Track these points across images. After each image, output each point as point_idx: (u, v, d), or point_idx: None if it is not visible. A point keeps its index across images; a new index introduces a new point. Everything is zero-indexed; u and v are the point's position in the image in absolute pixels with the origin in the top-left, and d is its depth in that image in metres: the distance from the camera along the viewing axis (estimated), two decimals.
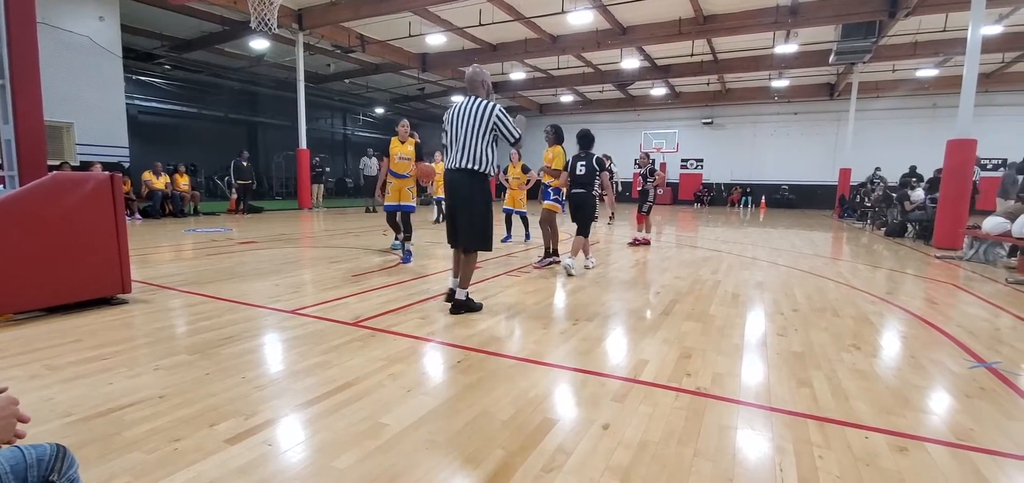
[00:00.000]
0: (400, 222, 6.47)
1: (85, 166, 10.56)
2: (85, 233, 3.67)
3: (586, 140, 5.82)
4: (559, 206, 6.42)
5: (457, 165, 3.75)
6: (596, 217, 9.75)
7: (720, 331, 3.54)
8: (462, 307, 3.84)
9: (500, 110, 3.73)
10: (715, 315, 3.98)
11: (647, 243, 8.48)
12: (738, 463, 1.85)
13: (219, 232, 9.30)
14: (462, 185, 3.77)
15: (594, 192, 5.94)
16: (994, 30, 12.61)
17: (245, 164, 13.74)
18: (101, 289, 3.80)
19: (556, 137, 6.24)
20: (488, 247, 3.91)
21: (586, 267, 5.98)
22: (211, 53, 17.43)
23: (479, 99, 3.76)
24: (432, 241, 8.35)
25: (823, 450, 1.95)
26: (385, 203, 6.41)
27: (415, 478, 1.71)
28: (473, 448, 1.92)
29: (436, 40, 15.90)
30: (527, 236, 8.66)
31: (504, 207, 8.51)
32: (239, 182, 13.61)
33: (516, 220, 8.65)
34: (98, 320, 3.48)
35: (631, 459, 1.86)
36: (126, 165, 12.25)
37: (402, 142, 6.27)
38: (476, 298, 4.01)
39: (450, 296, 4.03)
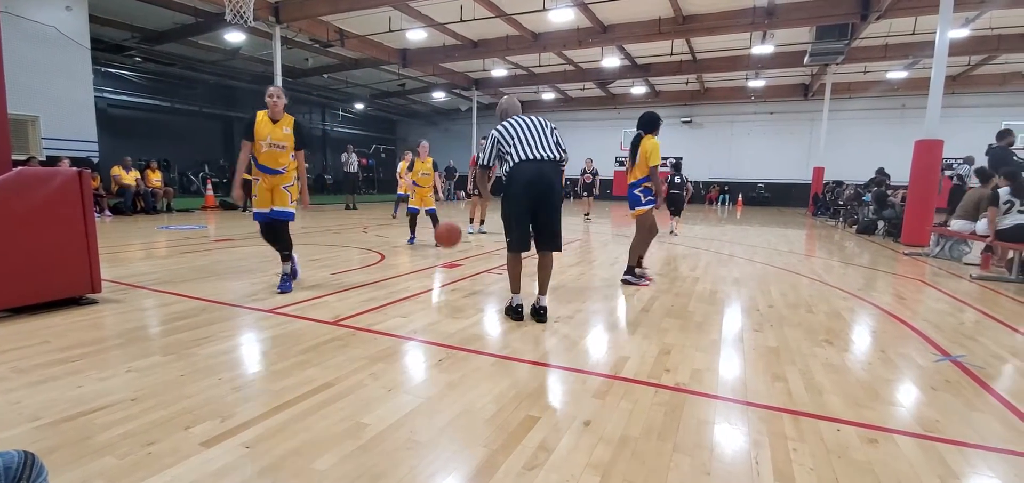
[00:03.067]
0: (276, 235, 4.43)
1: (52, 161, 10.22)
2: (52, 231, 3.56)
3: (678, 163, 10.87)
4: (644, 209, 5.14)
5: (545, 156, 3.54)
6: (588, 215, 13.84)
7: (698, 327, 3.60)
8: (546, 314, 3.65)
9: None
10: (694, 312, 4.05)
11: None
12: (715, 457, 1.89)
13: (193, 229, 9.09)
14: (553, 177, 3.55)
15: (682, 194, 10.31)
16: (961, 33, 13.03)
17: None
18: (69, 289, 3.69)
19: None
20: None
21: (673, 232, 10.21)
22: (184, 46, 16.99)
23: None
24: (392, 238, 8.32)
25: (797, 443, 2.00)
26: (255, 211, 4.36)
27: (397, 478, 1.71)
28: (455, 447, 1.92)
29: (417, 35, 15.78)
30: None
31: (411, 207, 7.76)
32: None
33: (427, 219, 7.76)
34: (67, 321, 3.38)
35: (611, 455, 1.88)
36: (95, 160, 11.89)
37: (275, 120, 4.19)
38: (458, 296, 3.98)
39: (520, 312, 3.67)
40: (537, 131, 3.61)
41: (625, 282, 5.08)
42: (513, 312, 3.68)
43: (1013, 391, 2.59)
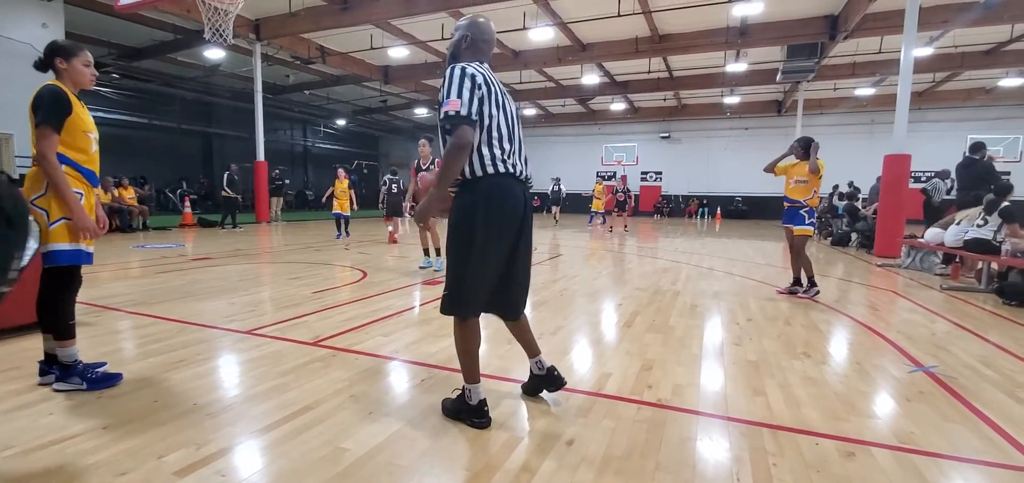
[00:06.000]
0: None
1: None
2: None
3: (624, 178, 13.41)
4: (812, 229, 5.49)
5: (525, 174, 2.31)
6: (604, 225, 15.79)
7: (680, 342, 3.63)
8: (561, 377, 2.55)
9: None
10: (675, 326, 4.08)
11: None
12: (697, 474, 1.90)
13: (170, 248, 8.90)
14: (530, 208, 2.34)
15: None
16: (925, 52, 13.54)
17: (236, 177, 13.22)
18: None
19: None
20: None
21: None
22: (163, 62, 16.81)
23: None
24: (375, 255, 8.23)
25: (777, 458, 2.03)
26: (74, 248, 2.69)
27: None
28: (437, 471, 1.90)
29: (399, 53, 15.83)
30: (343, 234, 10.76)
31: (336, 211, 10.65)
32: (229, 194, 13.09)
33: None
34: (37, 346, 3.25)
35: (595, 475, 1.88)
36: None
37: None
38: (441, 315, 3.90)
39: (535, 383, 2.58)
40: (515, 125, 2.27)
41: (808, 296, 5.40)
42: (479, 413, 2.24)
43: (984, 401, 2.66)
